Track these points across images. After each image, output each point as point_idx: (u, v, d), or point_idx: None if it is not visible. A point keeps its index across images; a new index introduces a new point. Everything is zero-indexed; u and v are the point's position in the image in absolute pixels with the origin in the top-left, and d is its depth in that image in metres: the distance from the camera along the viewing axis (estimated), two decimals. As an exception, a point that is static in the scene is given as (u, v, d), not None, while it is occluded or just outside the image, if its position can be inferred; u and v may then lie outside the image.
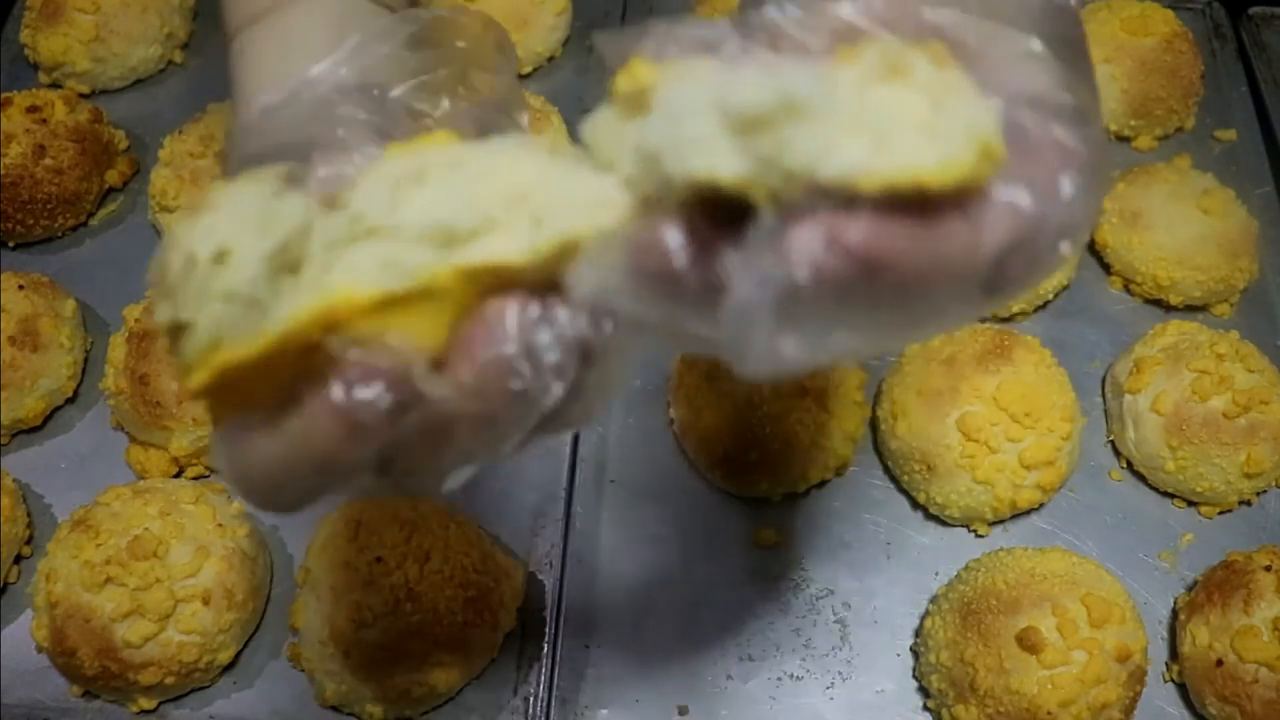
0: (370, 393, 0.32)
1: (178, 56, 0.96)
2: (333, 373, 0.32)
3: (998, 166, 0.30)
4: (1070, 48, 0.36)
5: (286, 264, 0.32)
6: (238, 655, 0.70)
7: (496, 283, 0.33)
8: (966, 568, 0.71)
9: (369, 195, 0.33)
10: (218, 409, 0.34)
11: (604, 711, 0.69)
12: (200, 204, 0.32)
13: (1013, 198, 0.31)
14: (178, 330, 0.32)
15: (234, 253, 0.31)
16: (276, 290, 0.32)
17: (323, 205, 0.33)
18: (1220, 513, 0.77)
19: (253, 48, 0.47)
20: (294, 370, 0.32)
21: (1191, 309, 0.85)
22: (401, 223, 0.32)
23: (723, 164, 0.29)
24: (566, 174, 0.33)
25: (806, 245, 0.29)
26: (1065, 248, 0.33)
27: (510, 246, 0.32)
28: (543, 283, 0.33)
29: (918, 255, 0.30)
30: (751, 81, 0.29)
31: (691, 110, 0.30)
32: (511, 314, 0.33)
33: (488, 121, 0.45)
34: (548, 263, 0.32)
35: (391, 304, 0.32)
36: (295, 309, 0.32)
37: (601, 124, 0.32)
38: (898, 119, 0.29)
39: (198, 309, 0.32)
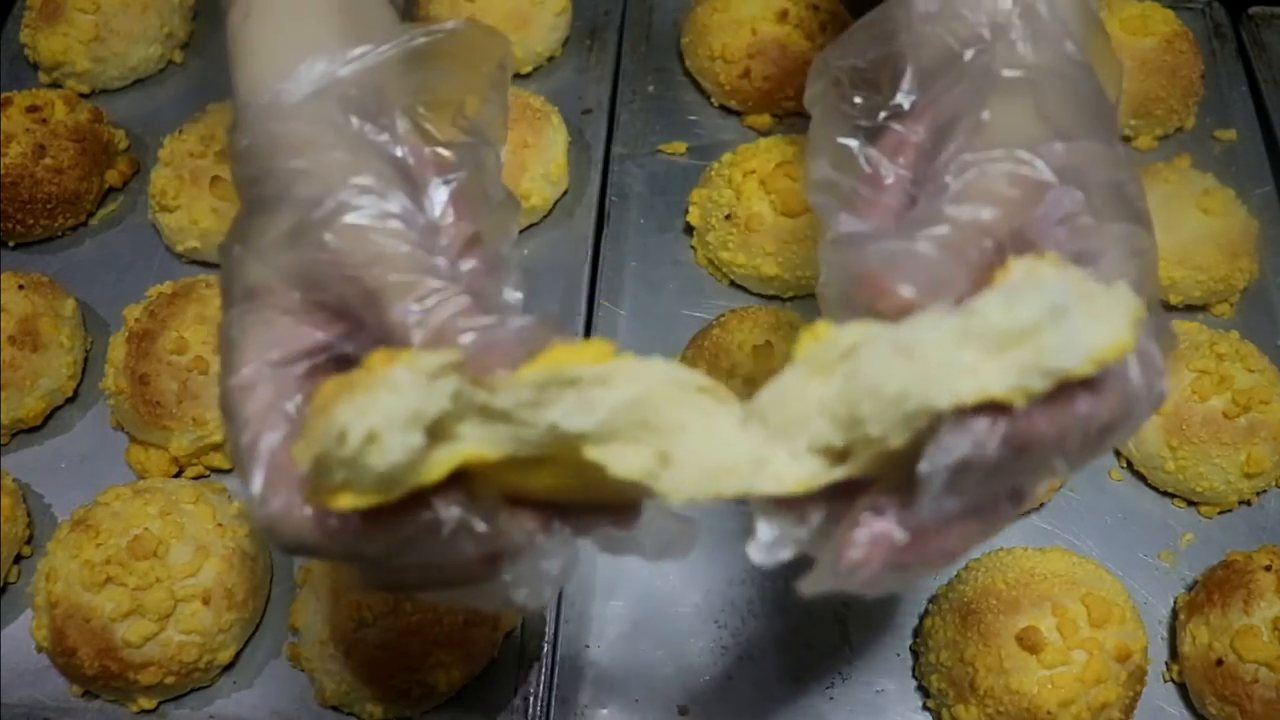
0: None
1: (178, 56, 0.96)
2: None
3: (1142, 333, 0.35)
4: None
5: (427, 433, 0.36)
6: (238, 655, 0.70)
7: (593, 474, 0.37)
8: (966, 568, 0.71)
9: (516, 396, 0.37)
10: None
11: (604, 711, 0.69)
12: (360, 383, 0.35)
13: (1130, 374, 0.37)
14: (318, 465, 0.36)
15: (383, 440, 0.35)
16: (413, 464, 0.36)
17: (472, 382, 0.36)
18: (1220, 512, 0.77)
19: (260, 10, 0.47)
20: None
21: (1191, 309, 0.85)
22: (540, 421, 0.36)
23: (994, 381, 0.33)
24: (720, 429, 0.36)
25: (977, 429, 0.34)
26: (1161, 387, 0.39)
27: (632, 467, 0.36)
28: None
29: (1049, 430, 0.35)
30: (1000, 304, 0.33)
31: (936, 345, 0.33)
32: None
33: (474, 158, 0.47)
34: (639, 490, 0.36)
35: (510, 463, 0.37)
36: (429, 470, 0.36)
37: (790, 387, 0.36)
38: (1099, 310, 0.33)
39: (340, 469, 0.35)
